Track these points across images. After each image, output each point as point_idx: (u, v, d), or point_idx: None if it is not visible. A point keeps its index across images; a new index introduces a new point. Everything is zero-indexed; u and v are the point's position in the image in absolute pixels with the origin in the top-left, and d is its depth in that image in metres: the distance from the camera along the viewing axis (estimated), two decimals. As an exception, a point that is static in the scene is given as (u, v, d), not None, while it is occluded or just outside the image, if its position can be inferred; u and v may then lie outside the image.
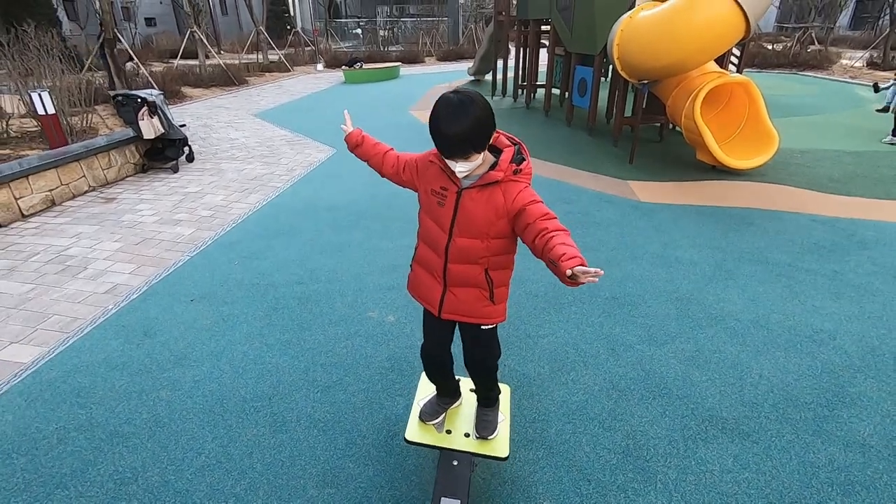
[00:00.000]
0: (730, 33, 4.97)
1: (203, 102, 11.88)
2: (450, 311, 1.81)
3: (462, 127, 1.41)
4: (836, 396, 2.46)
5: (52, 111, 5.55)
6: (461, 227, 1.63)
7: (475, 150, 1.47)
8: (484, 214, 1.58)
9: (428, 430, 2.16)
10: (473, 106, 1.43)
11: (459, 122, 1.41)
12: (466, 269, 1.70)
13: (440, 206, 1.65)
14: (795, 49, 17.33)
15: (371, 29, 27.60)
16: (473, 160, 1.49)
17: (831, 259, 3.88)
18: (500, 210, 1.57)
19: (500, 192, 1.56)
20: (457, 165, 1.50)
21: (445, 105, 1.43)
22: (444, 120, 1.43)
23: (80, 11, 22.90)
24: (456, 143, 1.44)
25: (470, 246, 1.65)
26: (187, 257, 4.06)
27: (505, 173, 1.54)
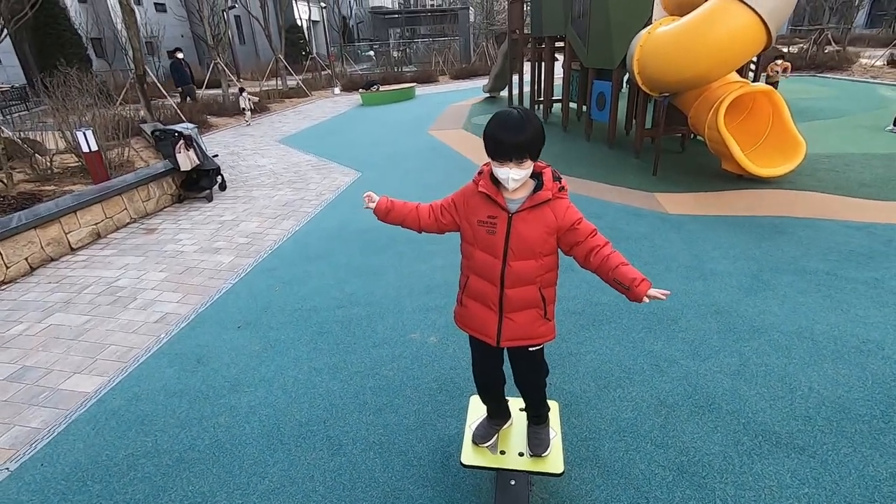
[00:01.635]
0: (751, 44, 5.02)
1: (229, 131, 12.27)
2: (508, 338, 1.87)
3: (524, 133, 1.56)
4: (890, 408, 2.44)
5: (96, 148, 5.83)
6: (515, 251, 1.71)
7: (530, 158, 1.61)
8: (537, 234, 1.69)
9: (482, 452, 2.20)
10: (531, 118, 1.61)
11: (521, 130, 1.57)
12: (523, 291, 1.78)
13: (491, 235, 1.72)
14: (812, 51, 17.19)
15: (384, 51, 28.22)
16: (526, 168, 1.62)
17: (870, 266, 3.84)
18: (552, 227, 1.69)
19: (549, 211, 1.68)
20: (510, 172, 1.60)
21: (507, 116, 1.60)
22: (506, 128, 1.58)
23: (108, 49, 23.91)
24: (516, 148, 1.57)
25: (525, 268, 1.73)
26: (230, 285, 4.21)
27: (552, 192, 1.67)
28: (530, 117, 1.60)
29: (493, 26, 29.84)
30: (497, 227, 1.71)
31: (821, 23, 19.28)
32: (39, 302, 4.08)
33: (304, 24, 31.40)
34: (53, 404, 2.86)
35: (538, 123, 1.61)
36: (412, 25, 35.00)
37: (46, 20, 18.32)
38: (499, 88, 14.05)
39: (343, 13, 35.15)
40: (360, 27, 43.66)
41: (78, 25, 21.68)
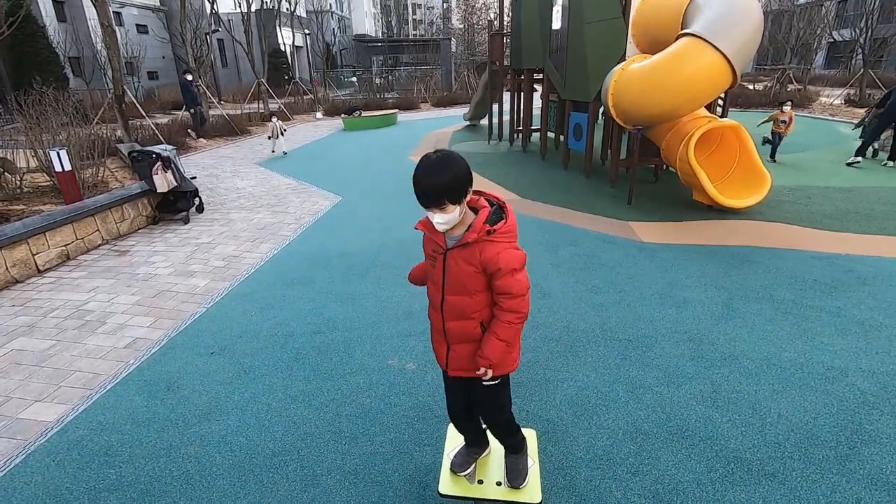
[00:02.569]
0: (718, 83, 5.28)
1: (207, 153, 12.18)
2: (454, 368, 1.91)
3: (437, 179, 1.58)
4: (855, 434, 2.52)
5: (69, 168, 5.72)
6: (450, 285, 1.77)
7: (450, 202, 1.61)
8: (466, 272, 1.71)
9: (460, 481, 2.19)
10: (450, 162, 1.62)
11: (436, 175, 1.58)
12: (461, 325, 1.82)
13: (433, 268, 1.82)
14: (776, 88, 18.12)
15: (367, 78, 28.64)
16: (449, 212, 1.63)
17: (833, 295, 3.99)
18: (478, 267, 1.70)
19: (476, 251, 1.68)
20: (435, 216, 1.64)
21: (426, 161, 1.63)
22: (423, 174, 1.60)
23: (86, 68, 23.67)
24: (431, 194, 1.59)
25: (460, 303, 1.78)
26: (204, 309, 4.13)
27: (478, 234, 1.65)
28: (448, 161, 1.61)
29: (474, 56, 30.69)
30: (437, 262, 1.79)
31: (783, 63, 20.40)
32: (1, 326, 3.92)
33: (287, 49, 31.71)
34: (11, 434, 2.73)
35: (457, 168, 1.61)
36: (395, 53, 35.71)
37: (24, 38, 18.12)
38: (479, 116, 14.36)
39: (327, 40, 35.71)
40: (343, 53, 44.33)
41: (56, 44, 21.48)
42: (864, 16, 17.20)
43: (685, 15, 5.68)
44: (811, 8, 23.79)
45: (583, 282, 4.36)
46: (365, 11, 60.73)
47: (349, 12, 53.79)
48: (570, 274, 4.53)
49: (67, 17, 26.62)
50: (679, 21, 5.75)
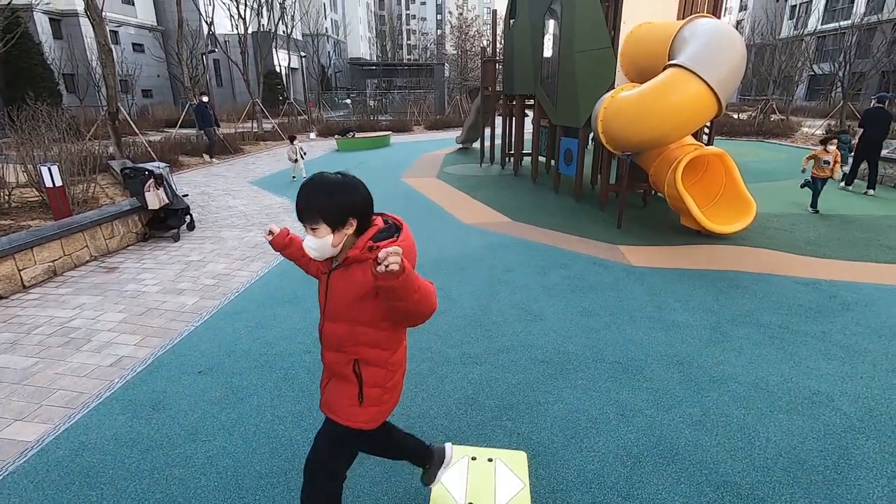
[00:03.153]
0: (703, 112, 5.44)
1: (200, 171, 12.19)
2: (324, 403, 1.75)
3: (320, 197, 1.47)
4: (842, 459, 2.54)
5: (60, 183, 5.70)
6: (329, 310, 1.63)
7: (325, 223, 1.48)
8: (345, 295, 1.55)
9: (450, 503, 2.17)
10: (345, 186, 1.50)
11: (322, 193, 1.47)
12: (334, 357, 1.66)
13: (320, 289, 1.68)
14: (759, 118, 18.66)
15: (361, 100, 29.02)
16: (321, 236, 1.49)
17: (818, 320, 4.06)
18: (360, 289, 1.51)
19: (359, 272, 1.51)
20: (306, 238, 1.54)
21: (319, 177, 1.52)
22: (309, 186, 1.50)
23: (80, 85, 23.75)
24: (306, 208, 1.49)
25: (334, 331, 1.62)
26: (192, 327, 4.08)
27: (360, 250, 1.50)
28: (344, 185, 1.49)
29: (466, 81, 31.31)
30: (321, 283, 1.66)
31: (766, 94, 21.06)
32: (-17, 342, 3.84)
33: (282, 71, 32.12)
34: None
35: (349, 194, 1.49)
36: (389, 77, 36.29)
37: (19, 54, 18.17)
38: (472, 140, 14.58)
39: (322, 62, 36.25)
40: (338, 76, 44.96)
41: (51, 61, 21.57)
42: (843, 51, 17.89)
43: (672, 46, 5.88)
44: (792, 42, 24.74)
45: (573, 304, 4.39)
46: (360, 35, 61.95)
47: (345, 36, 54.80)
48: (560, 296, 4.56)
49: (64, 34, 26.83)
50: (666, 52, 5.94)
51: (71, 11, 26.65)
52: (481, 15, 54.20)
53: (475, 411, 2.96)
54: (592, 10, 6.97)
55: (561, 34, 7.89)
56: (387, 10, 75.96)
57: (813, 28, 31.96)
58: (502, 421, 2.87)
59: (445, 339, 3.82)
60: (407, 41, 76.43)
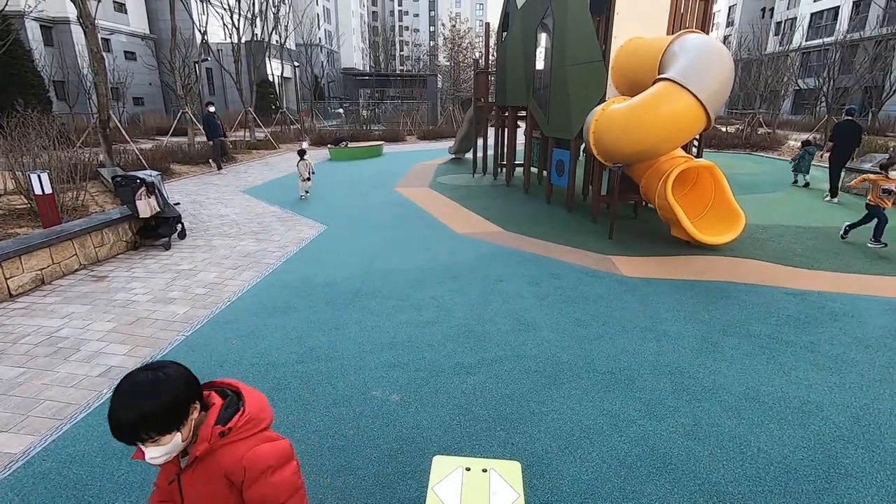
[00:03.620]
0: (692, 125, 5.53)
1: (192, 179, 12.13)
2: None
3: (139, 408, 1.14)
4: (832, 468, 2.56)
5: (49, 191, 5.65)
6: None
7: (161, 433, 1.18)
8: (207, 495, 1.29)
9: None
10: (159, 383, 1.18)
11: (138, 403, 1.15)
12: None
13: (172, 492, 1.37)
14: (747, 131, 18.99)
15: (354, 109, 29.12)
16: (165, 443, 1.19)
17: (807, 331, 4.11)
18: (222, 484, 1.28)
19: (215, 464, 1.27)
20: (147, 451, 1.20)
21: (126, 384, 1.18)
22: (119, 401, 1.16)
23: (70, 92, 23.59)
24: (128, 428, 1.16)
25: None
26: (183, 337, 4.04)
27: (210, 442, 1.25)
28: (157, 383, 1.17)
29: (459, 92, 31.53)
30: (173, 486, 1.35)
31: (753, 108, 21.46)
32: (-32, 352, 3.77)
33: (275, 80, 32.17)
34: (-27, 467, 2.60)
35: (169, 389, 1.18)
36: (382, 87, 36.48)
37: (9, 61, 18.03)
38: (464, 150, 14.66)
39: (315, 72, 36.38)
40: (331, 86, 45.11)
41: (41, 68, 21.44)
42: (826, 66, 18.31)
43: (662, 61, 5.99)
44: (778, 57, 25.28)
45: (566, 314, 4.41)
46: (354, 46, 62.29)
47: (338, 47, 55.07)
48: (553, 307, 4.58)
49: (55, 41, 26.69)
50: (656, 66, 6.05)
51: (63, 19, 26.54)
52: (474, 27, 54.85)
53: (469, 421, 2.96)
54: (583, 24, 7.09)
55: (553, 47, 8.01)
56: (380, 22, 76.57)
57: (798, 44, 32.69)
58: (496, 431, 2.87)
59: (438, 349, 3.82)
60: (400, 52, 77.00)
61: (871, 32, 23.59)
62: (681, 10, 7.11)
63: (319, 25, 50.15)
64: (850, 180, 9.68)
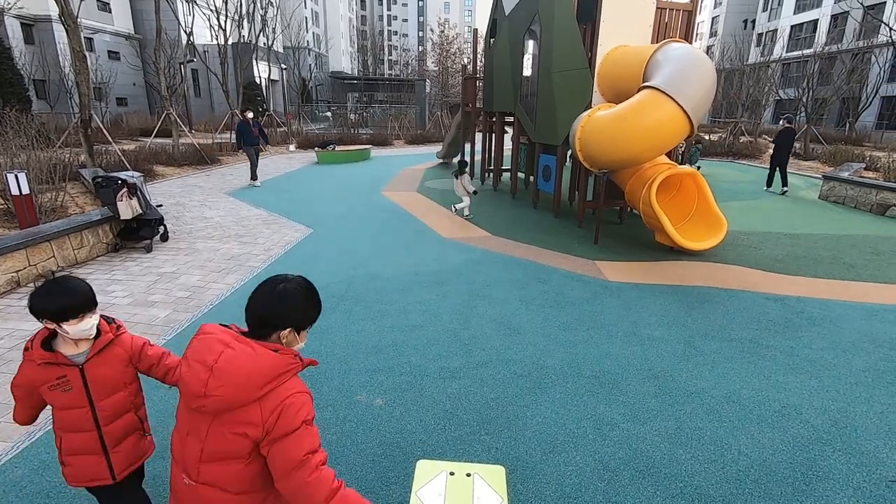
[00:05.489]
0: (676, 132, 5.61)
1: (176, 181, 11.96)
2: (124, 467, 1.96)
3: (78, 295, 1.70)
4: (810, 470, 2.60)
5: (27, 191, 5.52)
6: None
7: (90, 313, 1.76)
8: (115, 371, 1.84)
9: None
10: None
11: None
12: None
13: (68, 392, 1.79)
14: (729, 140, 19.35)
15: (342, 113, 29.04)
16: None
17: (786, 335, 4.19)
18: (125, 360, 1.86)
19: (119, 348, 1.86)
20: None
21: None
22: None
23: (51, 91, 23.17)
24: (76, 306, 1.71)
25: None
26: (164, 341, 3.97)
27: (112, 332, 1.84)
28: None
29: (447, 97, 31.67)
30: (71, 383, 1.75)
31: (735, 116, 21.89)
32: (-62, 356, 3.66)
33: (262, 82, 31.97)
34: (-60, 475, 2.51)
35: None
36: (370, 91, 36.45)
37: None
38: (452, 155, 14.69)
39: (303, 75, 36.23)
40: (318, 89, 44.94)
41: (21, 66, 21.03)
42: (806, 77, 18.76)
43: (646, 69, 6.09)
44: (759, 68, 25.84)
45: (551, 319, 4.43)
46: (342, 50, 62.24)
47: (326, 50, 54.95)
48: (538, 311, 4.60)
49: (36, 39, 26.21)
50: (640, 74, 6.14)
51: (44, 17, 26.09)
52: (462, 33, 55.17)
53: (453, 426, 2.95)
54: (570, 32, 7.17)
55: (540, 54, 8.08)
56: (369, 26, 76.60)
57: (778, 55, 33.48)
58: (480, 435, 2.86)
59: (424, 352, 3.80)
60: (388, 56, 77.09)
61: (849, 45, 24.26)
62: (665, 20, 7.23)
63: (308, 28, 50.02)
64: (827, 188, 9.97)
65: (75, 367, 1.73)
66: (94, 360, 1.76)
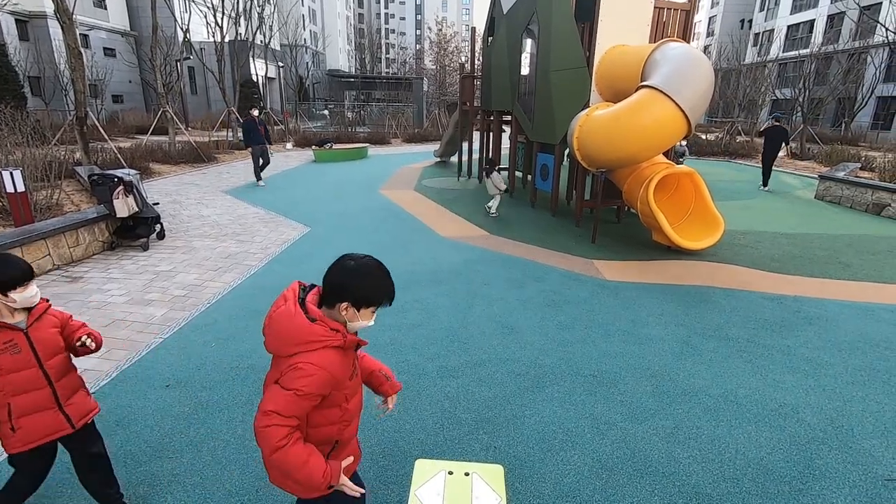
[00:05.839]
0: (674, 132, 5.62)
1: (172, 179, 11.91)
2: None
3: None
4: (807, 469, 2.61)
5: (22, 189, 5.49)
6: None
7: None
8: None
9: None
10: None
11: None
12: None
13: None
14: (726, 139, 19.40)
15: (339, 111, 28.96)
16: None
17: (783, 334, 4.20)
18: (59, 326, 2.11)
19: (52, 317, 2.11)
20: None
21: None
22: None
23: (46, 88, 23.03)
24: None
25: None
26: (160, 340, 3.95)
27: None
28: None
29: (444, 96, 31.61)
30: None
31: (732, 116, 21.95)
32: (-68, 355, 3.63)
33: (259, 80, 31.84)
34: (-65, 475, 2.49)
35: None
36: (367, 89, 36.36)
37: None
38: (450, 154, 14.68)
39: (300, 73, 36.11)
40: (316, 87, 44.80)
41: (16, 62, 20.89)
42: (802, 78, 18.83)
43: (644, 68, 6.09)
44: (756, 68, 25.92)
45: (549, 318, 4.44)
46: (339, 48, 62.06)
47: (324, 48, 54.78)
48: (536, 310, 4.60)
49: (31, 36, 26.03)
50: (639, 73, 6.14)
51: (39, 13, 25.90)
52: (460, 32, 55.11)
53: (452, 425, 2.94)
54: (568, 31, 7.17)
55: (538, 53, 8.08)
56: (366, 24, 76.43)
57: (775, 55, 33.57)
58: (479, 434, 2.86)
59: (422, 352, 3.80)
60: (386, 55, 76.94)
61: (845, 45, 24.35)
62: (663, 20, 7.24)
63: (305, 26, 49.83)
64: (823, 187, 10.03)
65: (20, 331, 1.90)
66: (35, 325, 1.95)
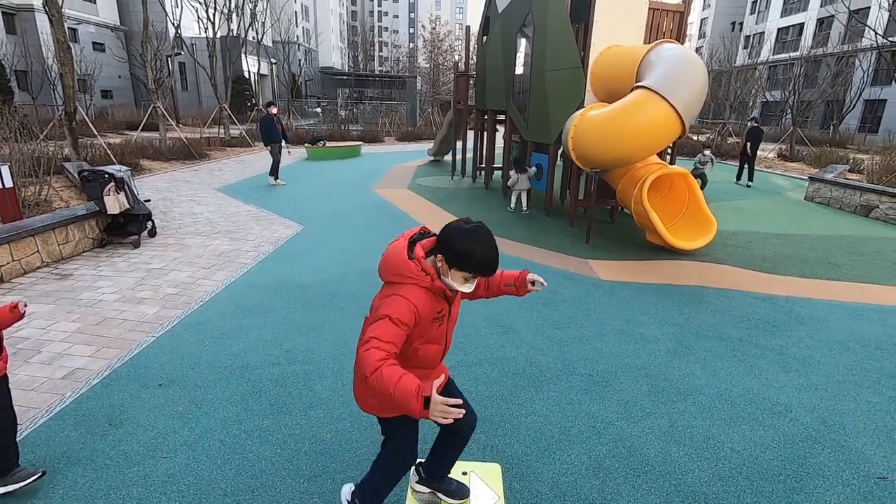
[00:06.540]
0: (668, 133, 5.65)
1: (163, 175, 11.78)
2: None
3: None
4: (800, 467, 2.64)
5: (10, 184, 5.40)
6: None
7: None
8: None
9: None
10: None
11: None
12: None
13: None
14: (717, 140, 19.57)
15: (332, 109, 28.84)
16: None
17: (776, 334, 4.24)
18: None
19: None
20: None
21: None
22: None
23: (34, 82, 22.69)
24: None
25: None
26: (153, 338, 3.90)
27: None
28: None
29: (438, 95, 31.61)
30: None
31: (723, 118, 22.15)
32: (-82, 353, 3.55)
33: (251, 77, 31.60)
34: (-78, 476, 2.44)
35: None
36: (361, 87, 36.24)
37: (-33, 48, 17.23)
38: (443, 153, 14.67)
39: (293, 70, 35.90)
40: (308, 84, 44.55)
41: (2, 56, 20.56)
42: (792, 80, 19.04)
43: (639, 69, 6.11)
44: (746, 70, 26.18)
45: (545, 317, 4.45)
46: (332, 45, 61.73)
47: (316, 45, 54.48)
48: (532, 309, 4.61)
49: (18, 29, 25.64)
50: (633, 74, 6.17)
51: (27, 6, 25.53)
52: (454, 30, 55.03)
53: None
54: (563, 31, 7.18)
55: (533, 53, 8.09)
56: (359, 21, 76.13)
57: (765, 58, 33.93)
58: (476, 434, 2.85)
59: (418, 351, 3.78)
60: (379, 53, 76.67)
61: (834, 49, 24.66)
62: (657, 21, 7.28)
63: (297, 23, 49.52)
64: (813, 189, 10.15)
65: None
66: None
